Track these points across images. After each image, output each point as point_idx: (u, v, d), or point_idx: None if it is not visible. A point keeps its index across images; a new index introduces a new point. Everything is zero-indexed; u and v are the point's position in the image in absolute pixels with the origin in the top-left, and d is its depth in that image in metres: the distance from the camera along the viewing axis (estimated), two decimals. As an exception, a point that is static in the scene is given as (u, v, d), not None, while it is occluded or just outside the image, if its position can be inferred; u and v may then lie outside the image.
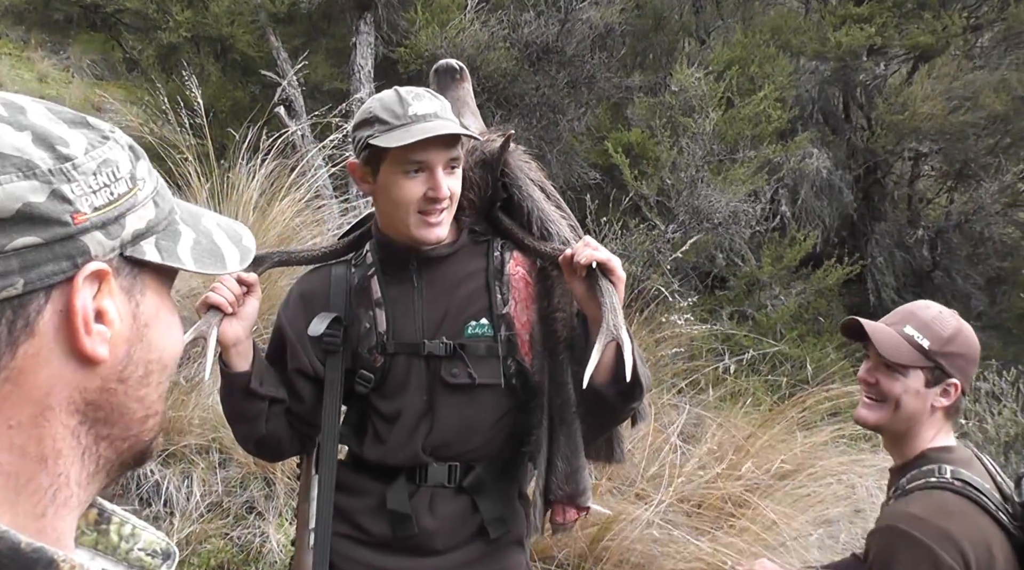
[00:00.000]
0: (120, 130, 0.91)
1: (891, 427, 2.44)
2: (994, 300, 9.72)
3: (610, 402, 2.28)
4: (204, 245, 0.94)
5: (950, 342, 2.39)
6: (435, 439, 2.31)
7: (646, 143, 8.32)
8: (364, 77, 9.10)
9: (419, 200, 2.18)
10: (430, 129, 2.12)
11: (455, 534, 2.37)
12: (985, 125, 8.96)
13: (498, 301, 2.33)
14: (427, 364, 2.30)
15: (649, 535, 4.45)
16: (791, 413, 6.06)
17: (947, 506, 2.24)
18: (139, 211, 0.88)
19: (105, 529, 0.98)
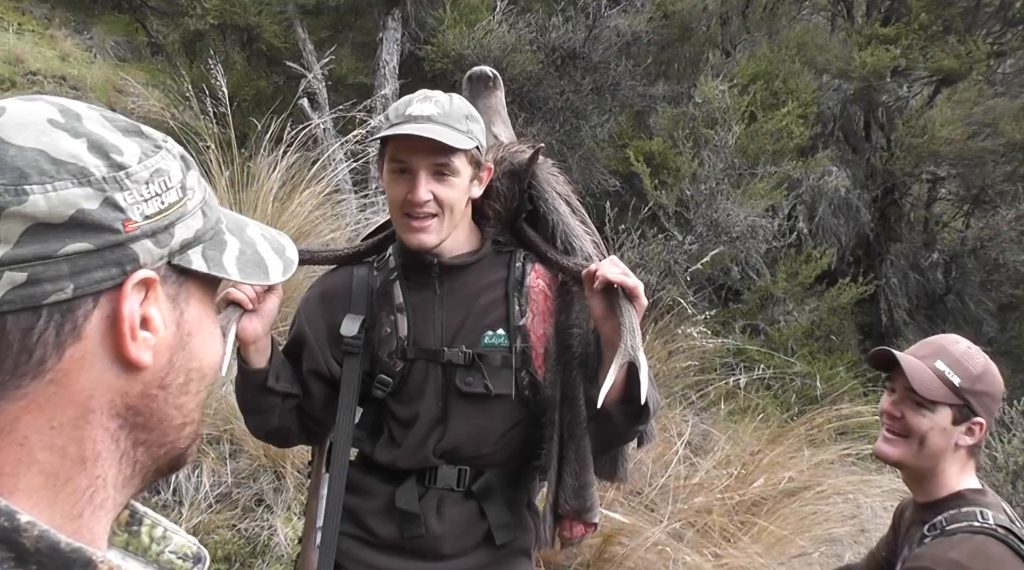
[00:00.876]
0: (171, 139, 0.93)
1: (914, 464, 2.40)
2: (1005, 327, 9.70)
3: (618, 422, 2.30)
4: (249, 255, 0.95)
5: (979, 380, 2.36)
6: (446, 444, 2.32)
7: (667, 153, 8.33)
8: (389, 73, 9.10)
9: (402, 201, 2.20)
10: (408, 128, 2.13)
11: (462, 539, 2.37)
12: (1004, 152, 8.95)
13: (516, 312, 2.34)
14: (444, 371, 2.31)
15: (655, 547, 4.47)
16: (800, 430, 6.07)
17: (989, 553, 2.22)
18: (188, 221, 0.89)
19: (136, 530, 0.99)
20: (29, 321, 0.78)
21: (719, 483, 5.23)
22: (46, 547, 0.77)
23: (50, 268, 0.78)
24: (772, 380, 7.06)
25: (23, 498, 0.81)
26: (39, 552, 0.77)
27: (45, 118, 0.82)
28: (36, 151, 0.79)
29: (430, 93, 2.23)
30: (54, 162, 0.79)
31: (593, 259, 2.35)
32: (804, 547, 4.93)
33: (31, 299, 0.77)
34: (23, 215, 0.76)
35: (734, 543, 4.79)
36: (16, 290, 0.77)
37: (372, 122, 7.31)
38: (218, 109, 6.31)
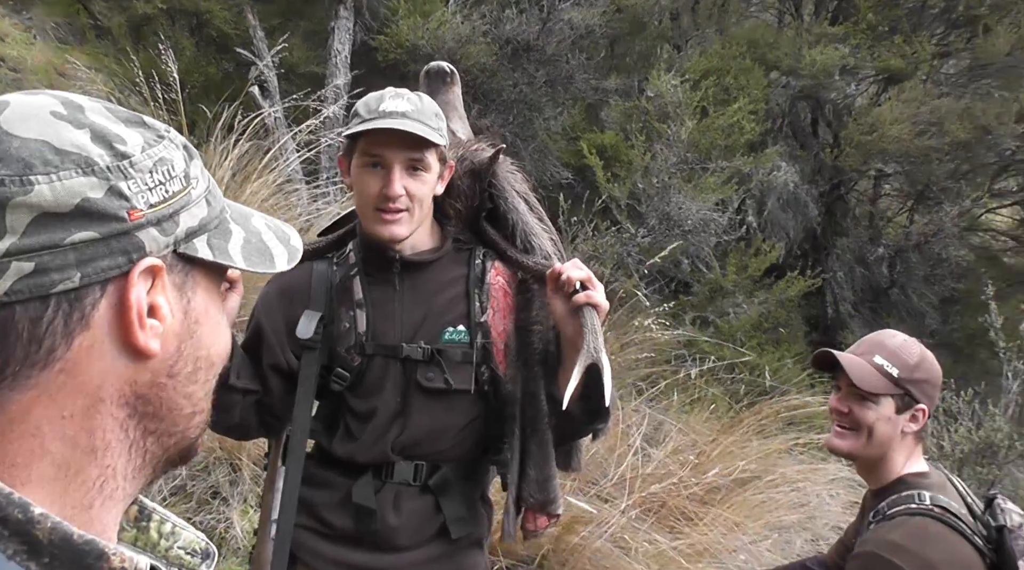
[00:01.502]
0: (174, 130, 0.92)
1: (864, 454, 2.53)
2: (947, 320, 9.91)
3: (578, 419, 2.34)
4: (254, 244, 0.96)
5: (916, 369, 2.50)
6: (405, 439, 2.34)
7: (620, 146, 8.40)
8: (341, 63, 9.06)
9: (375, 196, 2.22)
10: (388, 123, 2.17)
11: (418, 532, 2.39)
12: (948, 150, 9.12)
13: (476, 309, 2.37)
14: (403, 367, 2.32)
15: (611, 536, 4.53)
16: (749, 421, 6.17)
17: (928, 533, 2.33)
18: (192, 209, 0.88)
19: (145, 526, 0.99)
20: (38, 311, 0.79)
21: (674, 473, 5.30)
22: (59, 539, 0.77)
23: (57, 257, 0.78)
24: (722, 372, 7.15)
25: (35, 489, 0.82)
26: (52, 544, 0.77)
27: (48, 110, 0.82)
28: (40, 142, 0.79)
29: (400, 91, 2.26)
30: (58, 152, 0.79)
31: (552, 258, 2.40)
32: (756, 534, 5.01)
33: (39, 288, 0.78)
34: (29, 205, 0.77)
35: (688, 532, 4.87)
36: (24, 280, 0.77)
37: (324, 112, 7.28)
38: (168, 95, 6.23)
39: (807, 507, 5.53)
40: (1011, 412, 6.70)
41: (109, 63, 9.78)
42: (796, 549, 5.13)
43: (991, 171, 9.88)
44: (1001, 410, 6.62)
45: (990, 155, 9.40)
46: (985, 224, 10.52)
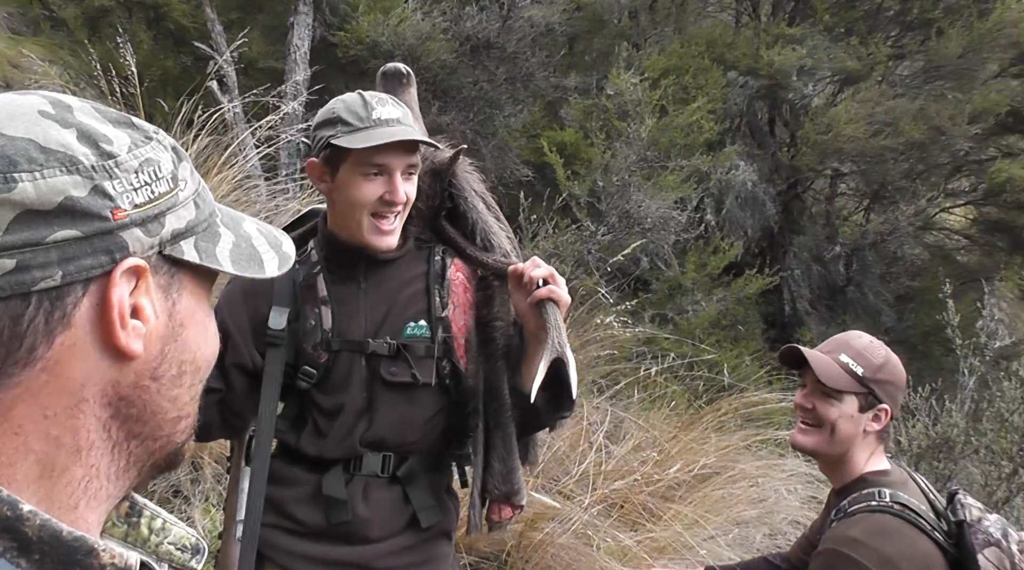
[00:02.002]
0: (163, 131, 0.92)
1: (827, 451, 2.60)
2: (902, 317, 10.04)
3: (541, 410, 2.41)
4: (243, 249, 0.95)
5: (881, 369, 2.55)
6: (373, 434, 2.37)
7: (579, 144, 8.42)
8: (300, 58, 9.00)
9: (375, 202, 2.26)
10: (393, 133, 2.21)
11: (388, 523, 2.42)
12: (903, 150, 9.24)
13: (437, 304, 2.41)
14: (368, 362, 2.37)
15: (573, 531, 4.55)
16: (708, 418, 6.22)
17: (887, 529, 2.39)
18: (179, 211, 0.88)
19: (136, 522, 0.99)
20: (19, 308, 0.79)
21: (636, 469, 5.33)
22: (48, 536, 0.78)
23: (39, 255, 0.78)
24: (681, 369, 7.20)
25: (22, 488, 0.81)
26: (41, 541, 0.77)
27: (36, 110, 0.82)
28: (26, 140, 0.79)
29: (380, 95, 2.30)
30: (43, 150, 0.79)
31: (510, 255, 2.47)
32: (716, 530, 5.06)
33: (20, 285, 0.78)
34: (12, 202, 0.77)
35: (649, 528, 4.90)
36: (5, 277, 0.77)
37: (284, 108, 7.24)
38: (126, 89, 6.16)
39: (766, 502, 5.59)
40: (967, 408, 6.82)
41: (64, 55, 9.64)
42: (755, 544, 5.19)
43: (945, 171, 10.02)
44: (958, 406, 6.74)
45: (944, 155, 9.53)
46: (939, 223, 10.67)
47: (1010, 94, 9.31)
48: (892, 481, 2.52)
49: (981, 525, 2.43)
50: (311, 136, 2.36)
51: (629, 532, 4.79)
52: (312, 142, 2.34)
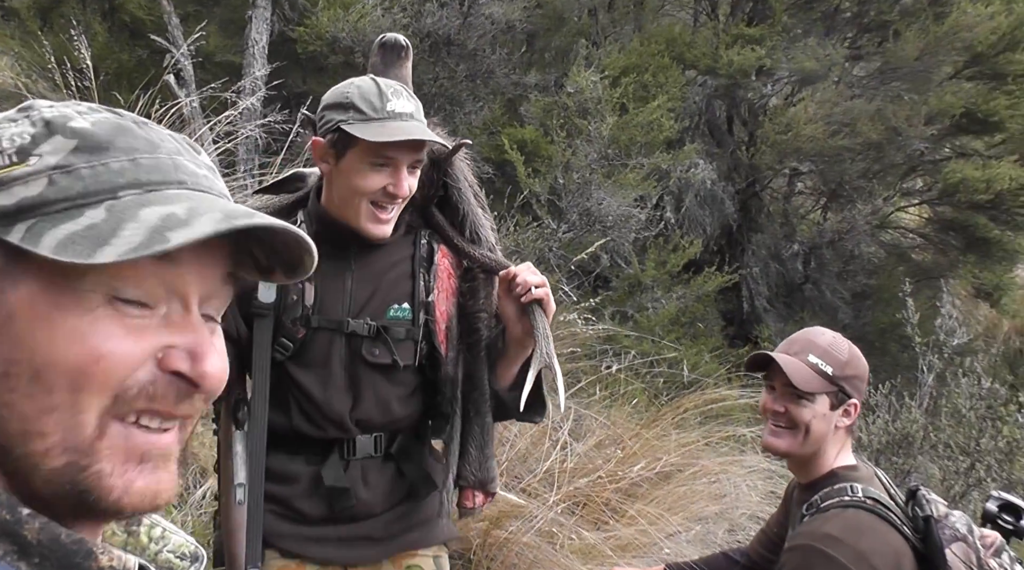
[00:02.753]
0: (55, 107, 0.87)
1: (800, 452, 2.62)
2: (859, 314, 10.15)
3: (509, 409, 2.52)
4: (94, 232, 0.80)
5: (847, 365, 2.59)
6: (359, 414, 2.42)
7: (540, 141, 8.43)
8: (258, 52, 8.92)
9: (377, 191, 2.28)
10: (408, 130, 2.22)
11: (388, 498, 2.50)
12: (860, 150, 9.34)
13: (421, 288, 2.46)
14: (348, 342, 2.39)
15: (537, 530, 4.56)
16: (669, 415, 6.26)
17: (861, 524, 2.41)
18: (14, 188, 0.81)
19: (136, 530, 0.98)
20: None
21: (598, 467, 5.35)
22: (48, 539, 0.77)
23: None
24: (642, 366, 7.23)
25: None
26: (41, 544, 0.76)
27: None
28: None
29: (394, 85, 2.31)
30: None
31: (495, 249, 2.53)
32: (678, 526, 5.08)
33: None
34: None
35: (612, 525, 4.92)
36: None
37: (243, 103, 7.18)
38: (81, 83, 6.08)
39: (727, 498, 5.63)
40: (925, 405, 6.92)
41: (15, 46, 9.49)
42: (717, 539, 5.22)
43: (901, 171, 10.15)
44: (916, 403, 6.84)
45: (900, 155, 9.65)
46: (895, 222, 10.80)
47: (964, 96, 9.43)
48: (861, 476, 2.56)
49: (948, 521, 2.47)
50: (318, 115, 2.36)
51: (593, 530, 4.80)
52: (319, 121, 2.34)
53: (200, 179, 0.89)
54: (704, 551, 4.81)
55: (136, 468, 0.84)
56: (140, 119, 0.90)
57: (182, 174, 0.88)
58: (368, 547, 2.51)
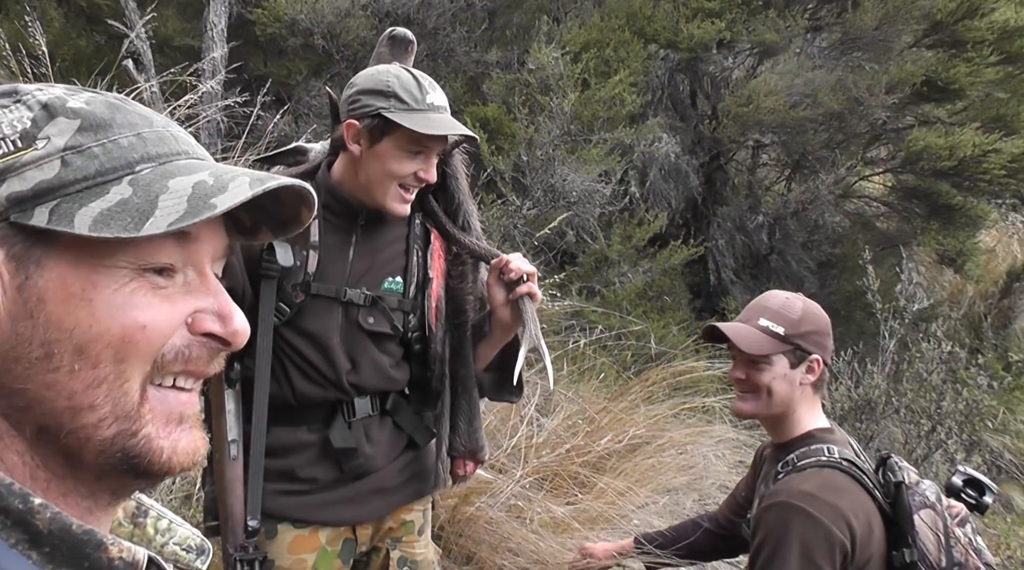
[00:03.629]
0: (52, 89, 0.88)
1: (768, 413, 2.69)
2: (824, 283, 10.22)
3: (488, 389, 2.80)
4: (131, 205, 0.83)
5: (801, 322, 2.64)
6: (355, 378, 2.56)
7: (503, 119, 8.41)
8: (217, 36, 8.83)
9: (409, 176, 2.44)
10: (449, 125, 2.40)
11: (390, 451, 2.69)
12: (822, 121, 9.38)
13: (415, 264, 2.63)
14: (345, 310, 2.53)
15: (507, 505, 4.58)
16: (637, 388, 6.28)
17: (838, 484, 2.48)
18: (27, 173, 0.82)
19: (142, 522, 0.99)
20: None
21: (567, 441, 5.37)
22: (58, 529, 0.78)
23: None
24: (609, 341, 7.26)
25: None
26: (52, 534, 0.77)
27: None
28: None
29: (430, 79, 2.47)
30: None
31: (482, 238, 2.74)
32: (647, 498, 5.12)
33: None
34: None
35: (581, 499, 4.94)
36: None
37: (202, 87, 7.12)
38: (37, 69, 6.01)
39: (695, 469, 5.67)
40: (888, 370, 6.99)
41: (-35, 31, 9.33)
42: (686, 510, 5.25)
43: (863, 140, 10.19)
44: (879, 368, 6.91)
45: (862, 125, 9.69)
46: (859, 191, 10.85)
47: (925, 64, 9.47)
48: (837, 439, 2.65)
49: (918, 488, 2.53)
50: (349, 98, 2.47)
51: (562, 504, 4.82)
52: (352, 105, 2.45)
53: (196, 148, 0.93)
54: (673, 522, 4.85)
55: (178, 428, 0.89)
56: (120, 96, 0.92)
57: (183, 144, 0.92)
58: (379, 499, 2.68)
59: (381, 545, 2.79)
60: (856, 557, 2.41)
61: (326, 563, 2.63)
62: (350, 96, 2.47)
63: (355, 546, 2.72)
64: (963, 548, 2.43)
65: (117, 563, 0.80)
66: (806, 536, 2.38)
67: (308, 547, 2.60)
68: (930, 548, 2.43)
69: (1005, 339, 10.72)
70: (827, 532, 2.37)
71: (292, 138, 7.11)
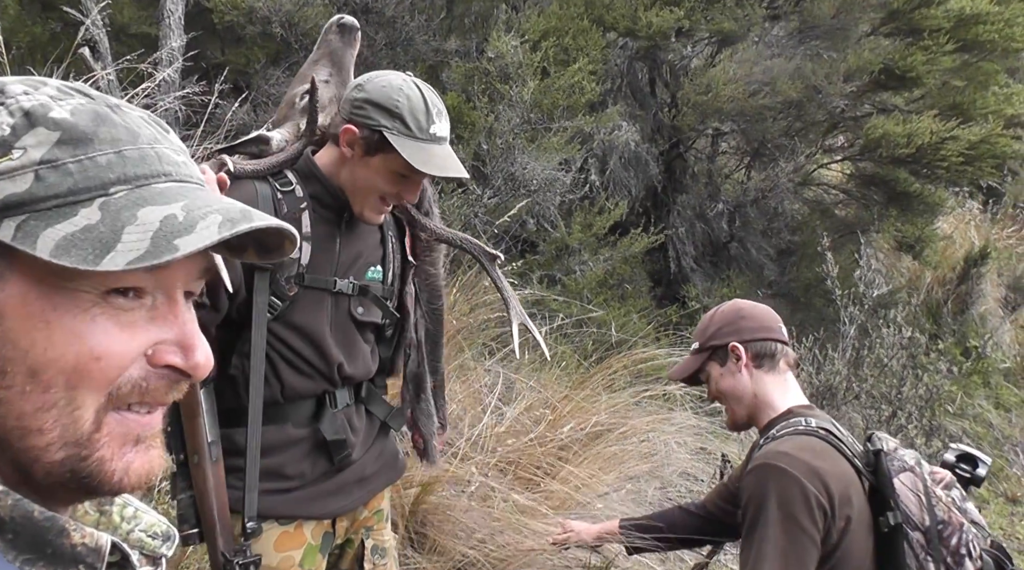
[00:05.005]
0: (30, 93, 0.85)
1: (742, 412, 2.86)
2: (784, 270, 10.29)
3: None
4: (95, 234, 0.81)
5: (709, 326, 2.87)
6: (346, 369, 2.61)
7: (462, 107, 8.38)
8: (174, 24, 8.73)
9: (391, 193, 2.47)
10: (449, 166, 2.44)
11: (367, 439, 2.76)
12: (781, 109, 9.42)
13: (391, 251, 2.70)
14: (336, 300, 2.57)
15: (470, 494, 4.59)
16: (598, 376, 6.31)
17: (813, 447, 2.60)
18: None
19: (108, 510, 0.99)
20: None
21: (529, 430, 5.38)
22: (20, 516, 0.78)
23: None
24: (570, 329, 7.28)
25: None
26: (14, 521, 0.77)
27: None
28: None
29: (439, 103, 2.50)
30: None
31: (441, 221, 2.83)
32: (609, 486, 5.14)
33: None
34: None
35: (543, 487, 4.96)
36: None
37: (160, 75, 7.04)
38: (-7, 60, 5.92)
39: (656, 456, 5.71)
40: (848, 356, 7.07)
41: (-85, 21, 9.19)
42: (648, 497, 5.29)
43: (822, 128, 10.25)
44: (839, 354, 6.99)
45: (820, 113, 9.74)
46: (817, 179, 10.93)
47: (882, 53, 9.54)
48: (817, 415, 2.76)
49: (897, 454, 2.62)
50: (357, 102, 2.45)
51: (526, 492, 4.84)
52: (357, 111, 2.43)
53: (181, 168, 0.90)
54: (636, 509, 4.89)
55: (132, 450, 0.87)
56: (112, 102, 0.90)
57: (166, 165, 0.89)
58: (361, 488, 2.73)
59: (355, 537, 2.84)
60: (836, 516, 2.49)
61: (311, 559, 2.64)
62: (356, 100, 2.45)
63: (333, 539, 2.74)
64: (945, 506, 2.50)
65: (80, 549, 0.80)
66: (783, 492, 2.47)
67: (294, 543, 2.60)
68: (912, 509, 2.51)
69: (963, 324, 10.86)
70: (802, 487, 2.46)
71: (251, 127, 7.06)
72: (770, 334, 2.80)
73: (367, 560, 2.84)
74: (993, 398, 9.65)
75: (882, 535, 2.54)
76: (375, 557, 2.85)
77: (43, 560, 0.79)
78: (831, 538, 2.48)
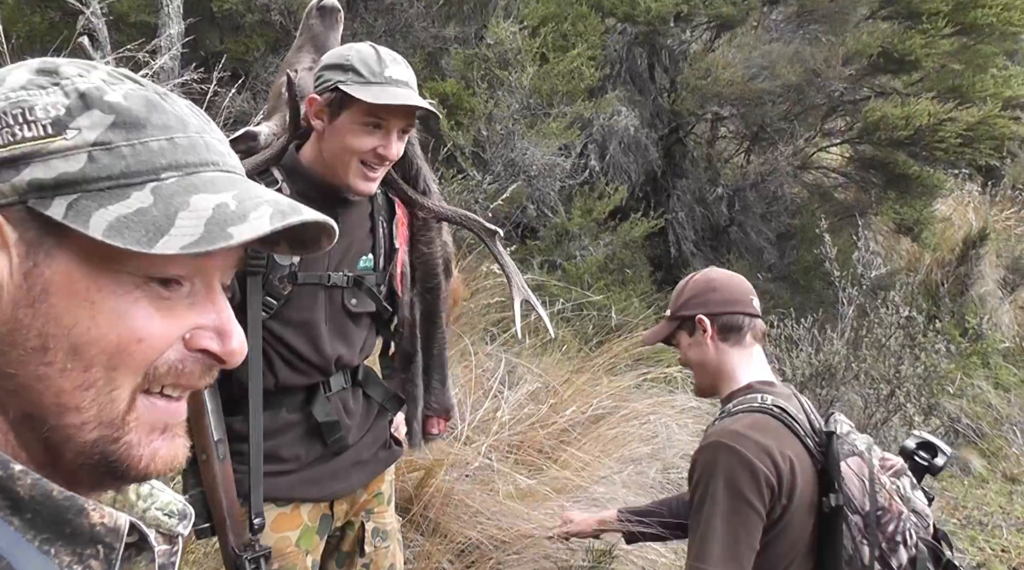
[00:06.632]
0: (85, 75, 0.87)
1: (705, 381, 2.92)
2: (783, 254, 10.29)
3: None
4: (148, 218, 0.82)
5: (681, 295, 2.90)
6: (341, 360, 2.63)
7: (462, 94, 8.38)
8: (173, 12, 8.72)
9: (368, 152, 2.42)
10: (404, 96, 2.36)
11: (363, 422, 2.76)
12: (780, 93, 9.40)
13: (381, 237, 2.68)
14: (330, 293, 2.57)
15: (473, 478, 4.61)
16: (599, 360, 6.33)
17: (767, 426, 2.62)
18: (52, 161, 0.81)
19: (124, 488, 0.99)
20: None
21: (531, 414, 5.40)
22: (40, 495, 0.78)
23: None
24: (571, 313, 7.30)
25: None
26: (33, 500, 0.78)
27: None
28: None
29: (392, 54, 2.45)
30: None
31: (441, 199, 2.82)
32: (611, 468, 5.17)
33: None
34: None
35: (545, 470, 4.98)
36: None
37: (158, 63, 7.06)
38: (-8, 49, 5.93)
39: (658, 438, 5.72)
40: (847, 337, 7.09)
41: (-88, 10, 9.18)
42: (649, 480, 5.31)
43: (821, 112, 10.23)
44: (838, 335, 7.01)
45: (820, 97, 9.72)
46: (817, 162, 10.91)
47: (881, 36, 9.52)
48: (776, 391, 2.79)
49: (848, 438, 2.67)
50: (316, 74, 2.48)
51: (527, 475, 4.86)
52: (317, 81, 2.46)
53: (227, 158, 0.92)
54: (638, 492, 4.91)
55: (160, 437, 0.89)
56: (161, 90, 0.91)
57: (214, 154, 0.90)
58: (359, 471, 2.74)
59: (355, 519, 2.84)
60: (782, 494, 2.54)
61: (308, 539, 2.65)
62: (315, 73, 2.49)
63: (331, 522, 2.74)
64: (887, 494, 2.53)
65: (99, 529, 0.81)
66: (732, 470, 2.51)
67: (291, 525, 2.61)
68: (855, 493, 2.55)
69: (962, 305, 10.87)
70: (751, 466, 2.50)
71: (250, 115, 7.08)
72: (738, 307, 2.83)
73: (368, 542, 2.85)
74: (992, 378, 9.67)
75: (823, 515, 2.59)
76: (376, 539, 2.86)
77: (61, 540, 0.80)
78: (774, 513, 2.54)
